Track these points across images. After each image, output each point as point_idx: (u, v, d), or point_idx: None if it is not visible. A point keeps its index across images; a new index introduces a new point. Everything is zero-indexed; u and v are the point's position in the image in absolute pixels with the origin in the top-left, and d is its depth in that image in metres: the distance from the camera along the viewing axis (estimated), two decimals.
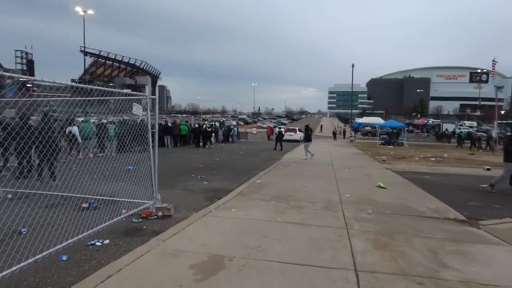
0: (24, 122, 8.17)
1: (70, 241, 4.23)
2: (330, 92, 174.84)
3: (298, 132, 34.29)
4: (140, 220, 5.58)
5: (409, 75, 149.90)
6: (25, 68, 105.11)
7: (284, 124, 77.27)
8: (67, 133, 13.98)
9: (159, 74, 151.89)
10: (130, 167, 11.26)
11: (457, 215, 6.16)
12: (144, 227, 5.26)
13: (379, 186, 8.92)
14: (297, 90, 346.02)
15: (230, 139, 30.29)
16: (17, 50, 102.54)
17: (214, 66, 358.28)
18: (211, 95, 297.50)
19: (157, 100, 5.92)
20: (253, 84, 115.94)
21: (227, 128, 31.48)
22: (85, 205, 6.43)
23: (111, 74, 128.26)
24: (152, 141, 6.06)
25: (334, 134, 38.12)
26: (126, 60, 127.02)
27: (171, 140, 22.71)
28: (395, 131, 33.07)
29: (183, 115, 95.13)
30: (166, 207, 5.90)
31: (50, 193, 6.80)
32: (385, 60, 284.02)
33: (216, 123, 45.94)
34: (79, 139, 14.69)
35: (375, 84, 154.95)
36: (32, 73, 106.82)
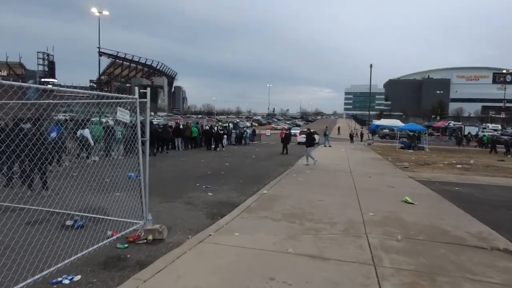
0: (14, 125, 7.48)
1: (30, 280, 3.41)
2: (346, 93, 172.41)
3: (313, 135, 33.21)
4: (126, 245, 4.73)
5: (428, 76, 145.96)
6: (46, 69, 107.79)
7: (299, 125, 75.94)
8: (78, 136, 13.41)
9: (175, 75, 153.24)
10: (131, 174, 10.54)
11: (507, 244, 5.08)
12: (129, 255, 4.41)
13: (406, 201, 7.86)
14: (313, 90, 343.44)
15: (243, 141, 29.44)
16: (39, 52, 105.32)
17: (230, 67, 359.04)
18: (226, 96, 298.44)
19: (148, 104, 5.08)
20: (268, 85, 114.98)
21: (239, 132, 30.59)
22: (69, 222, 5.66)
23: (128, 75, 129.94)
24: (143, 152, 5.22)
25: (351, 136, 36.77)
26: (143, 61, 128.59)
27: (182, 143, 22.05)
28: (416, 134, 31.54)
29: (198, 116, 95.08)
30: (157, 230, 5.05)
31: (33, 207, 6.04)
32: (403, 60, 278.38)
33: (230, 124, 45.30)
34: (91, 142, 14.09)
35: (392, 85, 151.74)
36: (53, 74, 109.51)
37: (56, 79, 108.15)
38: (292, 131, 45.10)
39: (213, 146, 22.60)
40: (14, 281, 3.34)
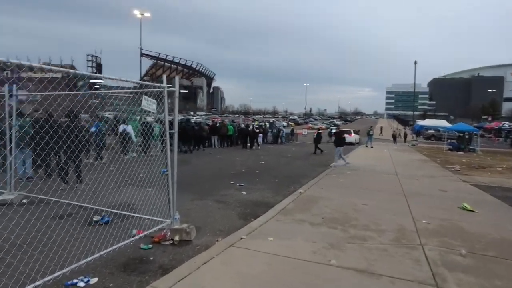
0: (48, 119, 7.45)
1: (45, 279, 3.09)
2: (387, 92, 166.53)
3: (352, 134, 31.91)
4: (150, 246, 4.35)
5: (478, 74, 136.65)
6: (94, 71, 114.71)
7: (337, 125, 74.05)
8: (120, 131, 13.52)
9: (214, 76, 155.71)
10: (165, 170, 10.35)
11: None
12: (151, 258, 4.01)
13: (464, 208, 6.89)
14: (351, 90, 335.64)
15: (279, 140, 28.86)
16: (88, 55, 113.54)
17: (266, 67, 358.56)
18: (263, 96, 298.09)
19: (177, 94, 4.66)
20: (305, 84, 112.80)
21: (276, 131, 29.99)
22: (96, 218, 5.41)
23: (169, 75, 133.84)
24: (171, 145, 4.83)
25: (394, 137, 34.91)
26: (183, 63, 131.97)
27: (218, 141, 21.94)
28: (466, 135, 29.23)
29: (235, 115, 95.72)
30: (185, 230, 4.62)
31: (65, 201, 5.89)
32: (449, 58, 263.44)
33: (266, 123, 44.82)
34: (134, 138, 14.20)
35: (437, 84, 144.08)
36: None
37: (102, 80, 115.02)
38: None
39: (248, 144, 22.26)
40: (29, 278, 3.03)
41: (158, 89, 4.64)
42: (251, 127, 24.59)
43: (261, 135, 25.27)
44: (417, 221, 5.72)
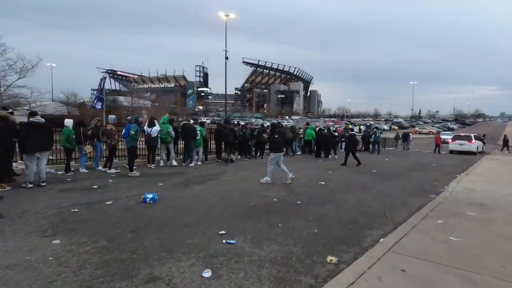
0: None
1: None
2: None
3: (473, 141, 24.05)
4: None
5: None
6: (201, 80, 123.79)
7: (452, 129, 62.49)
8: (146, 133, 11.16)
9: (311, 80, 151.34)
10: (148, 195, 6.75)
11: None
12: None
13: None
14: (468, 89, 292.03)
15: (371, 148, 22.99)
16: (196, 65, 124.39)
17: (368, 68, 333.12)
18: (364, 98, 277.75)
19: None
20: (411, 83, 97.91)
21: (367, 134, 24.09)
22: None
23: (268, 81, 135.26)
24: None
25: None
26: (281, 68, 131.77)
27: (288, 148, 17.93)
28: None
29: (331, 119, 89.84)
30: None
31: None
32: None
33: (361, 126, 38.57)
34: (156, 143, 11.76)
35: None
36: (206, 84, 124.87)
37: (209, 88, 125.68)
38: (443, 136, 35.73)
39: (322, 152, 17.65)
40: None
41: None
42: (326, 130, 19.71)
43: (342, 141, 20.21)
44: None
